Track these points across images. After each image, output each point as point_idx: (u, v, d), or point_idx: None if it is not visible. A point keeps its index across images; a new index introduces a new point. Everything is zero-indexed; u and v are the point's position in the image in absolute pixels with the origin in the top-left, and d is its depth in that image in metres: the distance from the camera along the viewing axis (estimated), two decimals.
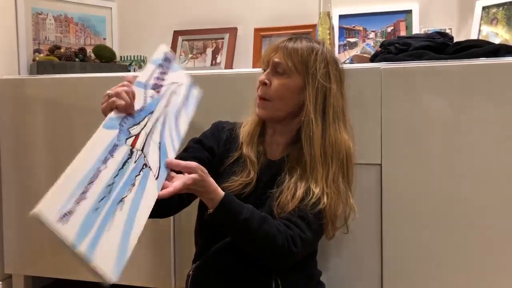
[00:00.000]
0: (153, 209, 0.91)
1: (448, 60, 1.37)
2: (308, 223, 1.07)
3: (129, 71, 2.07)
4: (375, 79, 1.39)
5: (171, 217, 1.58)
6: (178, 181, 0.93)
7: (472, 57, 1.36)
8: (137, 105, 0.98)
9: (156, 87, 1.06)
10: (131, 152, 0.91)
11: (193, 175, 0.95)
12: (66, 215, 0.74)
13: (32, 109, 1.73)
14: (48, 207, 0.73)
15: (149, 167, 0.94)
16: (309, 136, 1.13)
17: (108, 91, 0.94)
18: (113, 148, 0.88)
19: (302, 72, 1.15)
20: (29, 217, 0.71)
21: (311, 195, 1.10)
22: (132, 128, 0.95)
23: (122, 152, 0.89)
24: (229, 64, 2.04)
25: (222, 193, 1.00)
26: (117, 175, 0.86)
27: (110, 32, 2.20)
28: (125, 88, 0.94)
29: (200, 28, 2.15)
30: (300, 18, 2.00)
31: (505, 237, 1.32)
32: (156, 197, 0.91)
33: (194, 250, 1.27)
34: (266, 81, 1.16)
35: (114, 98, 0.92)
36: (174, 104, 1.11)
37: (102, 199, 0.81)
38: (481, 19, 1.76)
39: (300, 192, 1.10)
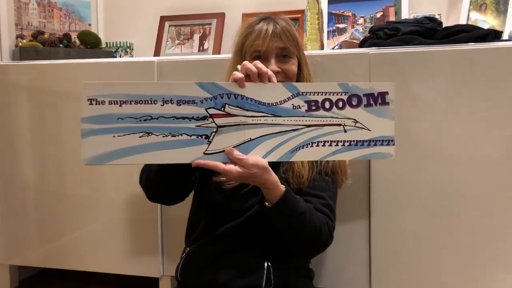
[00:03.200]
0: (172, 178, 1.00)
1: (437, 45, 1.36)
2: (332, 211, 1.12)
3: (115, 57, 2.04)
4: (364, 65, 1.38)
5: (158, 205, 1.57)
6: (218, 163, 0.93)
7: (461, 42, 1.35)
8: (265, 98, 0.95)
9: (313, 105, 0.96)
10: (203, 118, 0.93)
11: (238, 170, 0.93)
12: (95, 101, 0.90)
13: (15, 96, 1.69)
14: (92, 86, 0.91)
15: (209, 141, 0.94)
16: None
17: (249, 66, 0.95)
18: (188, 101, 0.92)
19: (296, 50, 1.16)
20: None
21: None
22: (231, 107, 0.94)
23: (191, 110, 0.93)
24: (217, 50, 2.02)
25: (282, 188, 1.00)
26: (165, 117, 0.92)
27: (95, 17, 2.16)
28: (251, 67, 0.94)
29: (187, 13, 2.12)
30: (288, 3, 1.98)
31: (494, 223, 1.33)
32: (186, 161, 0.94)
33: (183, 237, 1.26)
34: (279, 69, 1.13)
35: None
36: (322, 135, 0.97)
37: (133, 118, 0.91)
38: (470, 4, 1.75)
39: None
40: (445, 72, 1.33)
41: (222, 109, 0.94)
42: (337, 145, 0.97)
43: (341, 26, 1.93)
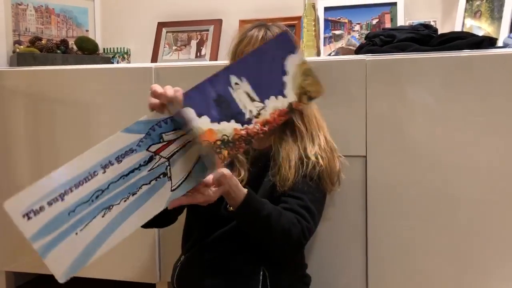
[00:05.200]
0: (157, 219, 0.88)
1: (432, 52, 1.37)
2: (311, 213, 1.11)
3: (112, 63, 2.04)
4: (360, 71, 1.39)
5: None
6: (189, 197, 0.89)
7: (456, 49, 1.36)
8: (191, 111, 0.86)
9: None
10: (150, 159, 0.85)
11: (215, 192, 0.92)
12: (32, 212, 0.76)
13: (12, 102, 1.69)
14: (16, 201, 0.76)
15: (169, 177, 0.86)
16: (300, 111, 1.15)
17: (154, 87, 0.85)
18: (125, 153, 0.83)
19: None
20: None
21: (305, 164, 1.13)
22: (167, 134, 0.86)
23: (134, 159, 0.83)
24: (214, 56, 2.03)
25: (244, 192, 1.00)
26: (114, 181, 0.82)
27: (92, 23, 2.16)
28: (156, 90, 0.85)
29: (185, 20, 2.13)
30: (285, 10, 1.99)
31: (490, 228, 1.33)
32: (162, 208, 0.85)
33: (179, 243, 1.26)
34: None
35: (150, 97, 0.84)
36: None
37: (84, 203, 0.79)
38: (465, 11, 1.77)
39: (296, 159, 1.13)
40: (440, 79, 1.34)
41: (161, 140, 0.86)
42: None
43: (337, 32, 1.94)
